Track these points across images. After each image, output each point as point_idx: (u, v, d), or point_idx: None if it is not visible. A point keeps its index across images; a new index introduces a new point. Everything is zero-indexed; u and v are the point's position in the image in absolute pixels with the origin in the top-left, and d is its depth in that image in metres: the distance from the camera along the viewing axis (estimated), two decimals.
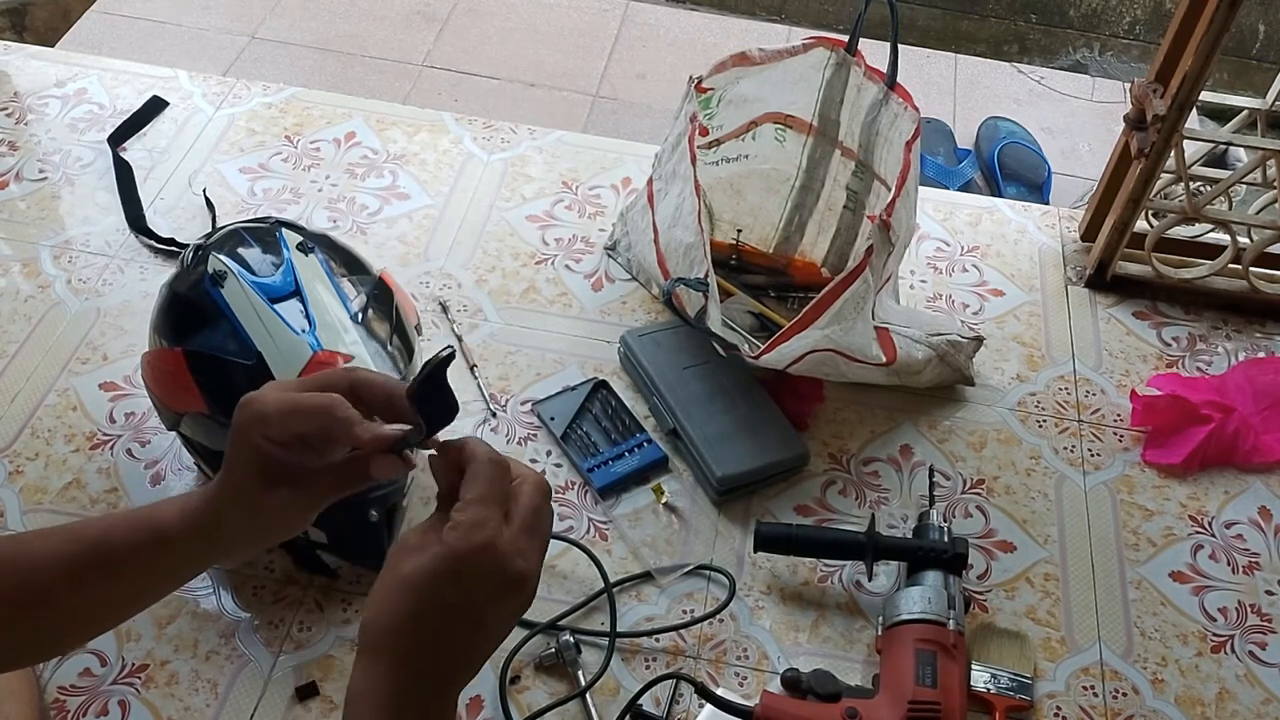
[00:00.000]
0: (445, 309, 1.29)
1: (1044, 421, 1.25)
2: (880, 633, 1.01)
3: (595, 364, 1.25)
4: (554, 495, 1.13)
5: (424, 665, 0.60)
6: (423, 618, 0.60)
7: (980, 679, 1.00)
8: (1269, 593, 1.12)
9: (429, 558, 0.60)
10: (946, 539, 1.04)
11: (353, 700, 0.60)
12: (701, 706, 0.97)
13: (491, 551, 0.60)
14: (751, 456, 1.14)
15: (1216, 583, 1.12)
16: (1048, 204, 1.71)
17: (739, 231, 1.35)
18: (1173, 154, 1.26)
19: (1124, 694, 1.03)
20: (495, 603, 0.62)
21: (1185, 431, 1.21)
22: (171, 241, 1.34)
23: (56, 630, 0.70)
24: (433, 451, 0.66)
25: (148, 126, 1.49)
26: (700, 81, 1.20)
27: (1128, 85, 2.02)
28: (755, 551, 1.07)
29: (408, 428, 0.66)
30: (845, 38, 1.22)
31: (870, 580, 1.08)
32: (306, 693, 0.98)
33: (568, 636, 1.01)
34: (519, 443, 1.18)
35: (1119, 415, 1.25)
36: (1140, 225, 1.35)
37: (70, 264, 1.32)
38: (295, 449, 0.66)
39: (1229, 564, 1.14)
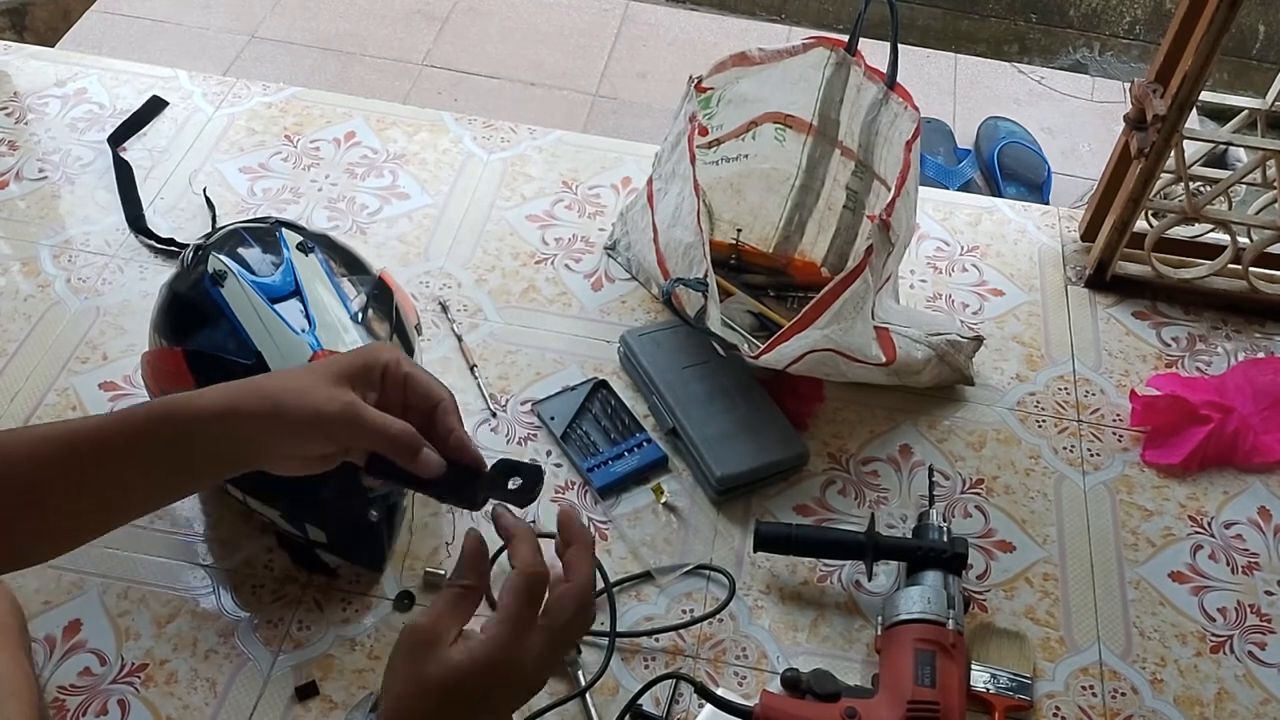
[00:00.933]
0: (445, 309, 1.29)
1: (1043, 421, 1.25)
2: (879, 632, 1.01)
3: (595, 364, 1.25)
4: (554, 495, 1.13)
5: None
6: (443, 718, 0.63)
7: (980, 679, 1.00)
8: (1268, 593, 1.12)
9: (455, 668, 0.62)
10: (946, 539, 1.04)
11: None
12: (701, 706, 0.97)
13: (518, 668, 0.64)
14: (751, 456, 1.14)
15: (1216, 583, 1.12)
16: (1048, 204, 1.71)
17: (739, 231, 1.35)
18: (1173, 154, 1.26)
19: (1123, 694, 1.03)
20: (509, 705, 0.66)
21: (1185, 431, 1.21)
22: (171, 241, 1.34)
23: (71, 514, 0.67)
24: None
25: (148, 126, 1.49)
26: (700, 81, 1.20)
27: (1128, 85, 2.02)
28: (755, 551, 1.07)
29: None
30: (845, 38, 1.22)
31: (870, 580, 1.08)
32: (306, 692, 0.98)
33: None
34: (519, 443, 1.18)
35: (1118, 415, 1.25)
36: (1140, 225, 1.35)
37: (70, 263, 1.32)
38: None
39: (1228, 564, 1.14)
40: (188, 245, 1.08)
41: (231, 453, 0.67)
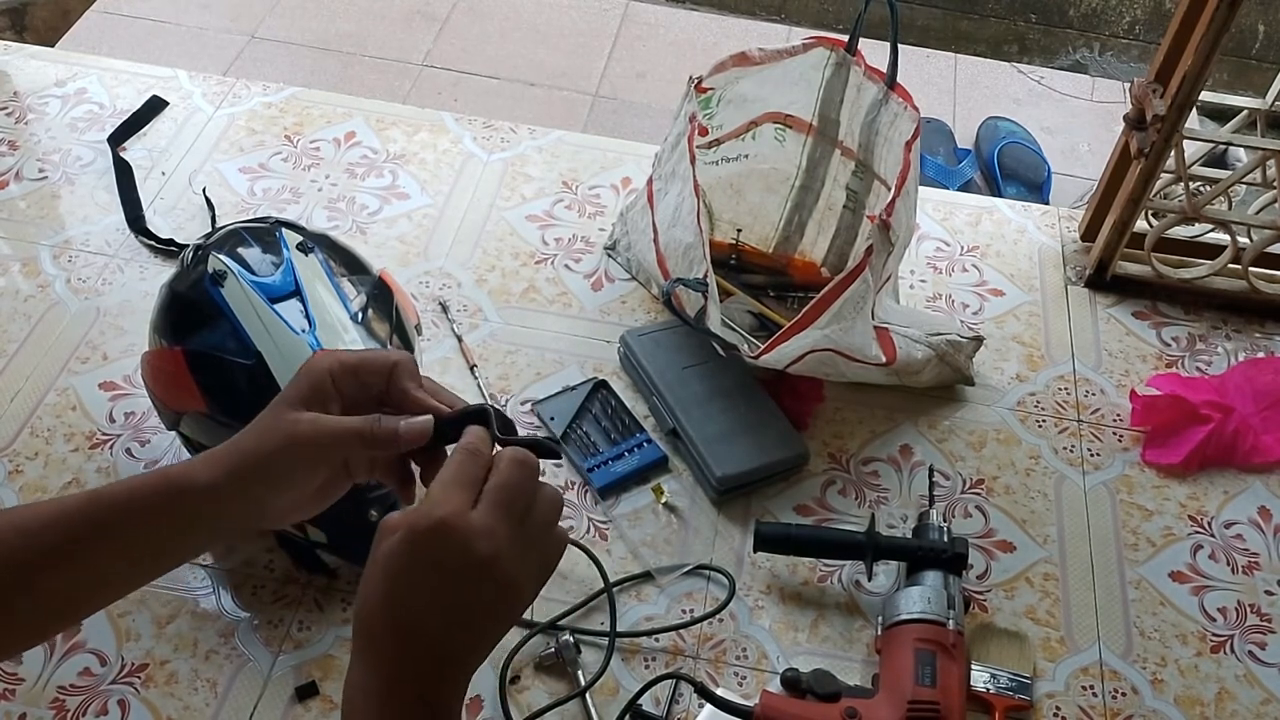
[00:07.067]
0: (445, 309, 1.29)
1: (1044, 421, 1.25)
2: (880, 632, 1.01)
3: (595, 364, 1.25)
4: None
5: (403, 655, 0.59)
6: (393, 602, 0.58)
7: (980, 679, 1.00)
8: (1268, 593, 1.12)
9: (394, 539, 0.59)
10: (946, 539, 1.04)
11: (346, 692, 0.60)
12: (701, 706, 0.97)
13: (447, 530, 0.58)
14: (751, 456, 1.14)
15: (1216, 583, 1.12)
16: (1048, 204, 1.71)
17: (739, 231, 1.35)
18: (1173, 154, 1.26)
19: (1123, 694, 1.03)
20: (463, 586, 0.59)
21: (1185, 431, 1.21)
22: (171, 241, 1.34)
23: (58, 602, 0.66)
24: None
25: (148, 126, 1.49)
26: (700, 81, 1.20)
27: (1128, 85, 2.02)
28: (755, 551, 1.07)
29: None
30: (845, 38, 1.22)
31: (870, 580, 1.08)
32: (306, 692, 0.98)
33: (567, 636, 1.01)
34: None
35: (1119, 415, 1.25)
36: (1140, 225, 1.35)
37: (70, 263, 1.32)
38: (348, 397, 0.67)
39: (1228, 564, 1.14)
40: (188, 245, 1.08)
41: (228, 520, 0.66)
